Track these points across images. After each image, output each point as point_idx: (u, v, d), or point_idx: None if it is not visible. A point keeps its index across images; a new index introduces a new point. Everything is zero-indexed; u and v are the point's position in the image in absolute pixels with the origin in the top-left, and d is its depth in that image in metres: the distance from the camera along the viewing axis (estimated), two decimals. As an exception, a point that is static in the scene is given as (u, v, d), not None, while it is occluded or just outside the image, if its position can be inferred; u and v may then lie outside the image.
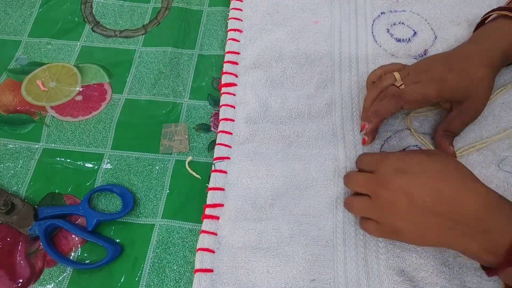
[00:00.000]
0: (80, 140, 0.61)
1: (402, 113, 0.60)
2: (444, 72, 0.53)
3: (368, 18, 0.68)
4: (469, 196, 0.41)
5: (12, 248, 0.54)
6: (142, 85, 0.66)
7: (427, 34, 0.66)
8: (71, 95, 0.65)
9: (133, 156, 0.60)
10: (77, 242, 0.54)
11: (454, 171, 0.44)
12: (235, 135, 0.59)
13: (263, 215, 0.53)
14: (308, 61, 0.65)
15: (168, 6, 0.74)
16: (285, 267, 0.50)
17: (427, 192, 0.43)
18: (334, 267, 0.50)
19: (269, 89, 0.62)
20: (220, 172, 0.56)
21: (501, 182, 0.54)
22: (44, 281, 0.52)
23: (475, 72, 0.53)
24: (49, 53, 0.69)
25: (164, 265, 0.53)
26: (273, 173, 0.55)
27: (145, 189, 0.58)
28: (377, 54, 0.65)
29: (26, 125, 0.63)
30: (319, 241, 0.52)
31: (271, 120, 0.60)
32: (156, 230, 0.55)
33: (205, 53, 0.69)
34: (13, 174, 0.59)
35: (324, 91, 0.62)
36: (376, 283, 0.49)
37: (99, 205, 0.57)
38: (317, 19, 0.68)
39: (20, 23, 0.72)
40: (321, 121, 0.60)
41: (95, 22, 0.72)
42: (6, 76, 0.67)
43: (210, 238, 0.52)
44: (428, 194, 0.43)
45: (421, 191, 0.43)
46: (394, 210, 0.44)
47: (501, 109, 0.59)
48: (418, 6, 0.69)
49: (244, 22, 0.69)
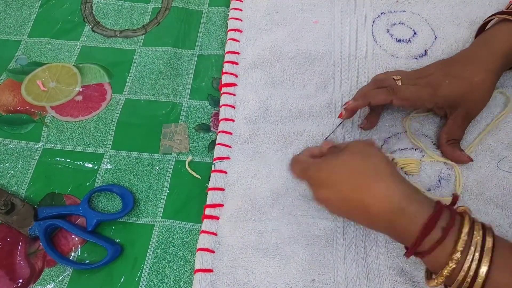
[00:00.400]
0: (80, 140, 0.61)
1: (402, 114, 0.60)
2: (440, 77, 0.54)
3: (368, 18, 0.68)
4: (374, 197, 0.42)
5: (12, 248, 0.54)
6: (142, 85, 0.66)
7: (427, 34, 0.66)
8: (71, 95, 0.65)
9: (133, 156, 0.60)
10: (77, 242, 0.54)
11: (368, 170, 0.44)
12: (235, 135, 0.59)
13: (263, 215, 0.53)
14: (308, 61, 0.65)
15: (168, 6, 0.74)
16: (285, 267, 0.50)
17: (348, 177, 0.44)
18: (334, 267, 0.50)
19: (269, 89, 0.62)
20: (220, 172, 0.56)
21: (500, 181, 0.54)
22: (44, 281, 0.52)
23: (472, 76, 0.53)
24: (49, 53, 0.69)
25: (164, 265, 0.53)
26: (273, 173, 0.55)
27: (145, 189, 0.58)
28: (377, 54, 0.65)
29: (26, 125, 0.63)
30: (319, 241, 0.52)
31: (271, 120, 0.60)
32: (156, 230, 0.55)
33: (205, 53, 0.69)
34: (13, 174, 0.59)
35: (324, 91, 0.62)
36: (376, 283, 0.49)
37: (99, 205, 0.57)
38: (317, 19, 0.68)
39: (20, 23, 0.72)
40: (322, 121, 0.60)
41: (95, 22, 0.72)
42: (6, 76, 0.67)
43: (210, 238, 0.52)
44: (347, 179, 0.44)
45: (342, 174, 0.44)
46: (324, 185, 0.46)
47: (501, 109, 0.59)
48: (418, 6, 0.69)
49: (244, 22, 0.69)
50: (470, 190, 0.54)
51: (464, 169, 0.55)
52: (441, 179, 0.55)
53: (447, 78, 0.54)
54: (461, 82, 0.53)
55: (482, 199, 0.53)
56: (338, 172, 0.44)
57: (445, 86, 0.53)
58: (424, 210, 0.41)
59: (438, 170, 0.56)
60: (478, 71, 0.54)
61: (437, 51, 0.64)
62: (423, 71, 0.56)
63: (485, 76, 0.54)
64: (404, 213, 0.41)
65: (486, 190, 0.54)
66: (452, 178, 0.55)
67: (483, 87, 0.54)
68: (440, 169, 0.56)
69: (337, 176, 0.44)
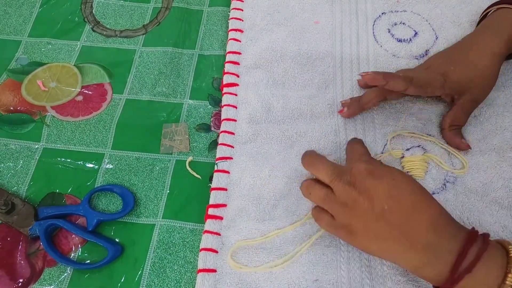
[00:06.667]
0: (80, 140, 0.61)
1: (403, 116, 0.60)
2: (447, 65, 0.54)
3: (369, 18, 0.68)
4: (423, 213, 0.42)
5: (12, 248, 0.54)
6: (142, 85, 0.66)
7: (428, 34, 0.66)
8: (71, 95, 0.65)
9: (133, 156, 0.60)
10: (78, 242, 0.54)
11: (415, 187, 0.44)
12: (237, 135, 0.59)
13: (266, 215, 0.53)
14: (309, 62, 0.64)
15: (168, 6, 0.73)
16: (288, 267, 0.50)
17: (387, 199, 0.42)
18: (337, 267, 0.50)
19: (271, 89, 0.62)
20: (222, 172, 0.56)
21: (506, 182, 0.54)
22: (44, 281, 0.52)
23: (479, 61, 0.53)
24: (49, 53, 0.69)
25: (165, 265, 0.52)
26: (275, 174, 0.55)
27: (146, 189, 0.57)
28: (378, 54, 0.65)
29: (26, 125, 0.62)
30: (322, 241, 0.51)
31: (273, 120, 0.60)
32: (157, 230, 0.55)
33: (206, 53, 0.69)
34: (13, 174, 0.59)
35: (326, 91, 0.62)
36: (379, 284, 0.49)
37: (100, 205, 0.57)
38: (318, 19, 0.68)
39: (20, 23, 0.72)
40: (324, 121, 0.60)
41: (95, 22, 0.72)
42: (6, 76, 0.66)
43: (214, 238, 0.52)
44: (387, 202, 0.42)
45: (382, 198, 0.43)
46: (354, 209, 0.44)
47: (504, 109, 0.59)
48: (419, 6, 0.69)
49: (245, 22, 0.69)
50: (475, 191, 0.54)
51: (470, 170, 0.55)
52: (447, 182, 0.55)
53: (452, 65, 0.54)
54: (466, 66, 0.53)
55: (487, 200, 0.53)
56: (397, 177, 0.44)
57: (451, 72, 0.53)
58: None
59: (443, 173, 0.55)
60: (483, 54, 0.54)
61: (438, 51, 0.64)
62: (425, 64, 0.57)
63: (491, 60, 0.53)
64: (447, 232, 0.41)
65: (491, 191, 0.54)
66: (458, 181, 0.55)
67: (489, 71, 0.54)
68: (445, 172, 0.55)
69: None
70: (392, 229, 0.42)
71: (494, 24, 0.57)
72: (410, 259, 0.42)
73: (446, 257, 0.40)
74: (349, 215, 0.44)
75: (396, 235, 0.42)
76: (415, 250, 0.41)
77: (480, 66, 0.53)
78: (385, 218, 0.42)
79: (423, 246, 0.40)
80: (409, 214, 0.42)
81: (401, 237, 0.41)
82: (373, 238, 0.43)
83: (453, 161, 0.56)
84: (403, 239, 0.41)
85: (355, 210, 0.44)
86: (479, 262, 0.39)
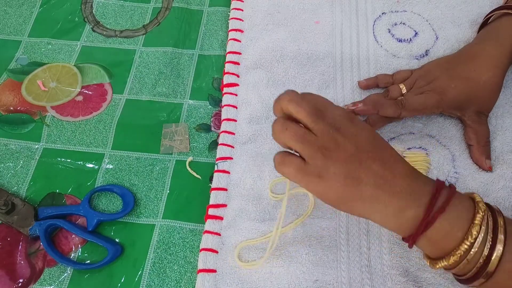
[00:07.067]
0: (80, 140, 0.61)
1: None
2: (446, 82, 0.54)
3: (369, 19, 0.68)
4: (399, 163, 0.43)
5: (12, 248, 0.54)
6: (142, 85, 0.66)
7: (428, 34, 0.66)
8: (71, 95, 0.65)
9: (133, 156, 0.60)
10: (78, 242, 0.54)
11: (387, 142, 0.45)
12: (237, 135, 0.59)
13: (267, 215, 0.53)
14: (309, 62, 0.64)
15: (168, 6, 0.73)
16: (288, 267, 0.50)
17: (370, 146, 0.42)
18: (337, 267, 0.50)
19: (271, 89, 0.62)
20: (223, 172, 0.56)
21: (507, 183, 0.54)
22: (45, 281, 0.52)
23: (479, 75, 0.53)
24: (49, 53, 0.69)
25: (165, 265, 0.52)
26: (276, 174, 0.55)
27: (146, 189, 0.57)
28: (379, 55, 0.65)
29: (26, 125, 0.62)
30: (322, 241, 0.51)
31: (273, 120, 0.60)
32: (157, 230, 0.55)
33: (206, 53, 0.69)
34: (14, 174, 0.59)
35: (326, 91, 0.62)
36: (379, 284, 0.49)
37: (100, 205, 0.57)
38: (318, 20, 0.68)
39: (20, 23, 0.72)
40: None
41: (95, 22, 0.72)
42: (6, 76, 0.66)
43: (214, 238, 0.52)
44: (371, 149, 0.42)
45: (366, 144, 0.42)
46: (336, 152, 0.41)
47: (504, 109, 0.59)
48: (419, 7, 0.69)
49: (245, 22, 0.69)
50: (476, 192, 0.54)
51: (471, 171, 0.55)
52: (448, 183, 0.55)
53: (453, 82, 0.53)
54: (467, 83, 0.53)
55: (488, 201, 0.52)
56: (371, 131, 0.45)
57: (451, 90, 0.53)
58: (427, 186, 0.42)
59: (445, 173, 0.55)
60: (486, 69, 0.53)
61: (438, 51, 0.64)
62: (427, 75, 0.56)
63: (493, 74, 0.53)
64: (420, 178, 0.42)
65: (492, 192, 0.54)
66: (460, 180, 0.55)
67: (491, 85, 0.53)
68: (447, 173, 0.55)
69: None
70: (373, 175, 0.41)
71: (496, 33, 0.56)
72: (389, 204, 0.41)
73: (421, 199, 0.41)
74: (329, 159, 0.41)
75: (377, 180, 0.41)
76: (394, 193, 0.41)
77: (481, 81, 0.53)
78: (367, 164, 0.41)
79: (401, 189, 0.41)
80: (390, 162, 0.42)
81: (381, 181, 0.41)
82: (350, 184, 0.41)
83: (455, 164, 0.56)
84: (383, 184, 0.41)
85: (338, 154, 0.41)
86: (450, 204, 0.40)
